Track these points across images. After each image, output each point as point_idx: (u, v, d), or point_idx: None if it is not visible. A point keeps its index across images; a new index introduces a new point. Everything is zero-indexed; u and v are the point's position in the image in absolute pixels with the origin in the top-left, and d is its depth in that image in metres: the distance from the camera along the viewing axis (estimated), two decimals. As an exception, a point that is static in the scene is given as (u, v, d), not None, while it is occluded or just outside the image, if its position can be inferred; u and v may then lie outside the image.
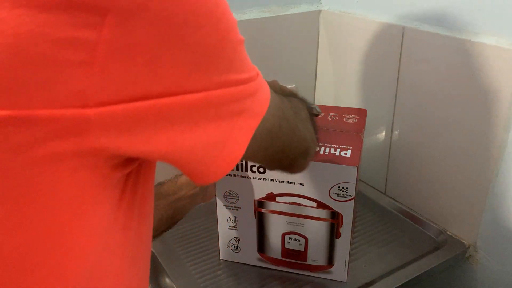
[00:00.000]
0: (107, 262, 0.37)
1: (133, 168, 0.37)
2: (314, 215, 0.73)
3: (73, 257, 0.33)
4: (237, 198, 0.75)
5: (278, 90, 0.54)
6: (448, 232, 0.86)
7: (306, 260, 0.77)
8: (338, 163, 0.68)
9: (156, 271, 0.81)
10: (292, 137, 0.49)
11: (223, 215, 0.78)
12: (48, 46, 0.27)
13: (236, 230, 0.78)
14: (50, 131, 0.28)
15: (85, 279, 0.35)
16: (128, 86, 0.29)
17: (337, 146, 0.72)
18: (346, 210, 0.70)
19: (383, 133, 0.96)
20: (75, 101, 0.28)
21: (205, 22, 0.32)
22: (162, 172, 0.57)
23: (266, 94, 0.41)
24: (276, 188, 0.72)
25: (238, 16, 0.95)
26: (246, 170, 0.72)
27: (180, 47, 0.31)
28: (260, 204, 0.75)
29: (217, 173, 0.39)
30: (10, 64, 0.26)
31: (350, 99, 1.03)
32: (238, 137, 0.38)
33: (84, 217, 0.33)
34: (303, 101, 0.58)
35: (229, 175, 0.73)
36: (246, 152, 0.40)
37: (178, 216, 0.71)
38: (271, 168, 0.55)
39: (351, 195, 0.69)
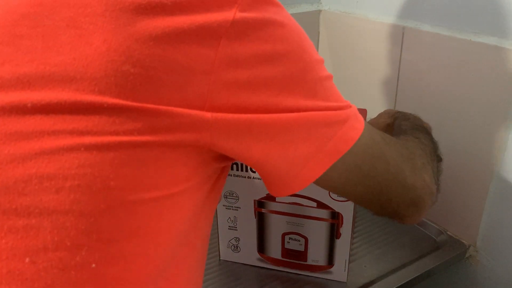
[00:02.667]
0: (190, 241, 0.43)
1: (224, 166, 0.43)
2: (314, 215, 0.73)
3: (166, 230, 0.38)
4: (237, 198, 0.75)
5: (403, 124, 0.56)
6: (448, 232, 0.86)
7: (306, 260, 0.77)
8: (338, 163, 0.67)
9: (156, 271, 0.81)
10: (392, 181, 0.47)
11: (223, 215, 0.78)
12: (184, 58, 0.35)
13: (236, 230, 0.78)
14: (179, 124, 0.35)
15: (172, 255, 0.40)
16: (234, 97, 0.36)
17: (337, 146, 0.71)
18: (346, 210, 0.70)
19: (383, 133, 0.96)
20: (197, 103, 0.36)
21: (292, 49, 0.39)
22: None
23: (358, 126, 0.43)
24: (276, 188, 0.72)
25: (238, 16, 0.95)
26: (246, 170, 0.72)
27: (271, 69, 0.37)
28: (260, 204, 0.75)
29: (291, 188, 0.43)
30: (157, 68, 0.34)
31: (350, 99, 1.03)
32: (321, 159, 0.41)
33: (189, 193, 0.39)
34: (433, 141, 0.57)
35: (229, 175, 0.73)
36: (330, 183, 0.44)
37: None
38: (374, 212, 0.52)
39: (351, 195, 0.69)
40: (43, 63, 0.34)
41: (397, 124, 0.67)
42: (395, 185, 0.47)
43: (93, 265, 0.34)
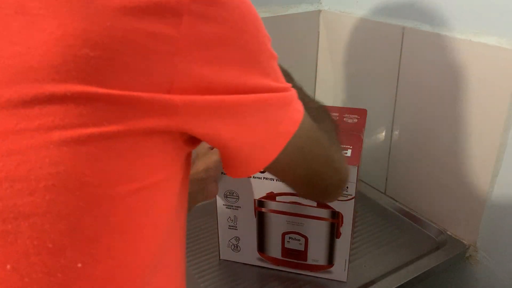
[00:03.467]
0: (174, 234, 0.43)
1: (191, 150, 0.42)
2: (314, 215, 0.73)
3: (152, 223, 0.38)
4: (237, 197, 0.75)
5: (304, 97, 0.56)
6: (448, 232, 0.86)
7: (306, 260, 0.77)
8: (338, 163, 0.67)
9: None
10: (324, 164, 0.50)
11: (223, 214, 0.78)
12: (146, 38, 0.33)
13: (236, 229, 0.78)
14: (148, 111, 0.34)
15: (157, 254, 0.39)
16: (200, 77, 0.36)
17: (337, 145, 0.72)
18: (347, 210, 0.70)
19: (383, 133, 0.96)
20: (164, 85, 0.34)
21: (248, 28, 0.38)
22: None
23: (300, 109, 0.44)
24: (276, 187, 0.72)
25: (238, 16, 0.95)
26: (246, 170, 0.72)
27: (233, 48, 0.37)
28: (260, 203, 0.75)
29: (249, 171, 0.43)
30: (118, 50, 0.33)
31: (350, 99, 1.03)
32: (276, 141, 0.42)
33: (168, 182, 0.39)
34: (326, 111, 0.58)
35: (229, 174, 0.73)
36: (276, 166, 0.44)
37: None
38: (303, 194, 0.54)
39: (351, 194, 0.69)
40: None
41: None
42: (328, 167, 0.50)
43: (79, 265, 0.33)
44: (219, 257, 0.82)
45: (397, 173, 0.96)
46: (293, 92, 0.44)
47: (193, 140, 0.41)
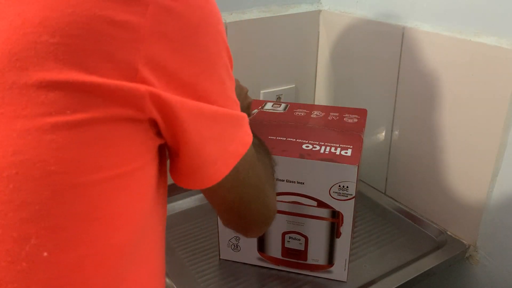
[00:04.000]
0: (152, 228, 0.42)
1: (162, 143, 0.42)
2: (314, 214, 0.73)
3: (128, 213, 0.38)
4: (237, 197, 0.75)
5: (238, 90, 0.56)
6: (448, 232, 0.86)
7: (306, 260, 0.77)
8: (338, 162, 0.68)
9: (156, 270, 0.81)
10: (257, 196, 0.49)
11: (223, 214, 0.77)
12: (109, 25, 0.33)
13: (236, 229, 0.78)
14: (111, 98, 0.34)
15: (131, 246, 0.38)
16: (163, 71, 0.35)
17: (338, 145, 0.72)
18: (347, 209, 0.70)
19: (383, 133, 0.96)
20: (128, 73, 0.34)
21: (209, 30, 0.39)
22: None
23: (249, 132, 0.44)
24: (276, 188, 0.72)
25: (238, 16, 0.95)
26: (247, 169, 0.72)
27: (193, 46, 0.37)
28: (260, 203, 0.74)
29: (196, 184, 0.42)
30: (79, 36, 0.32)
31: (350, 99, 1.03)
32: (227, 160, 0.42)
33: (139, 173, 0.38)
34: (266, 147, 0.57)
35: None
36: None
37: None
38: (226, 221, 0.53)
39: (351, 194, 0.69)
40: None
41: None
42: (259, 200, 0.49)
43: (45, 254, 0.33)
44: (219, 257, 0.82)
45: (397, 173, 0.96)
46: (244, 114, 0.44)
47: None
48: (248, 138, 0.43)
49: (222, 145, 0.41)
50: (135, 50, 0.34)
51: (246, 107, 0.70)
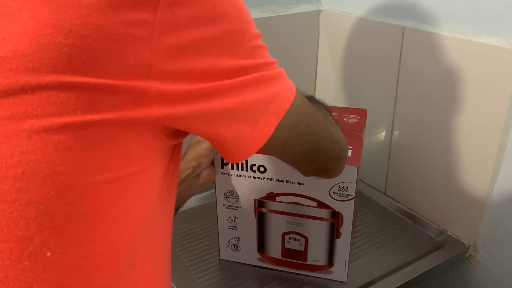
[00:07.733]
0: (155, 228, 0.42)
1: (176, 144, 0.42)
2: (314, 215, 0.73)
3: (132, 210, 0.38)
4: (237, 197, 0.75)
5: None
6: (448, 232, 0.86)
7: (306, 260, 0.77)
8: (338, 163, 0.67)
9: (156, 271, 0.81)
10: (323, 137, 0.50)
11: (223, 214, 0.77)
12: (123, 25, 0.33)
13: (236, 229, 0.78)
14: (121, 100, 0.34)
15: (133, 247, 0.38)
16: (179, 62, 0.35)
17: (337, 145, 0.71)
18: (347, 210, 0.70)
19: (383, 133, 0.96)
20: (142, 71, 0.34)
21: (230, 9, 0.37)
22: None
23: (291, 87, 0.44)
24: (276, 188, 0.72)
25: (238, 16, 0.95)
26: (247, 170, 0.72)
27: (212, 30, 0.36)
28: (260, 203, 0.75)
29: (245, 153, 0.42)
30: (92, 37, 0.32)
31: (350, 99, 1.03)
32: (269, 119, 0.41)
33: (146, 174, 0.38)
34: (325, 106, 0.58)
35: (229, 174, 0.73)
36: (273, 145, 0.43)
37: (178, 203, 0.70)
38: (304, 171, 0.54)
39: (351, 195, 0.69)
40: None
41: None
42: (326, 140, 0.50)
43: (48, 254, 0.33)
44: (219, 257, 0.82)
45: (397, 173, 0.96)
46: (281, 70, 0.43)
47: (177, 133, 0.40)
48: (289, 93, 0.43)
49: (259, 107, 0.40)
50: (148, 46, 0.34)
51: None
